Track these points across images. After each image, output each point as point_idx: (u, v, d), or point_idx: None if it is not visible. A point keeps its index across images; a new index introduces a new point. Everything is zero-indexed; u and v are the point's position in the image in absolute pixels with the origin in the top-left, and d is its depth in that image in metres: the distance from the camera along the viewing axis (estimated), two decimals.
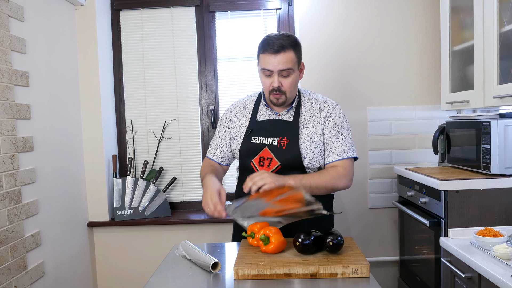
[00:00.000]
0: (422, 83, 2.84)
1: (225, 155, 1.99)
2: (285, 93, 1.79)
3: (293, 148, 1.81)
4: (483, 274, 1.55)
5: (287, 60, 1.74)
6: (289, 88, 1.79)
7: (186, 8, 3.00)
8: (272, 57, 1.74)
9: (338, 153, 1.83)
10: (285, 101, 1.82)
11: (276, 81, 1.76)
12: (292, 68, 1.76)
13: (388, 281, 2.89)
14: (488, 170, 2.08)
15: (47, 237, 2.34)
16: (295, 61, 1.77)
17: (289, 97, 1.82)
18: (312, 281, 1.39)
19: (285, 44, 1.74)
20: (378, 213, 2.89)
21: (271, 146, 1.82)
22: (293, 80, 1.79)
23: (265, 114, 1.90)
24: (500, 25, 1.97)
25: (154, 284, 1.44)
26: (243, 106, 1.98)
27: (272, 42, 1.75)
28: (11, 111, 2.04)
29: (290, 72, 1.76)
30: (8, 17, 2.05)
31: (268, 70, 1.77)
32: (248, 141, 1.87)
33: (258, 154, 1.84)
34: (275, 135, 1.84)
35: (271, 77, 1.78)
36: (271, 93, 1.80)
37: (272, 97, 1.81)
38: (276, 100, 1.81)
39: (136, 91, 3.04)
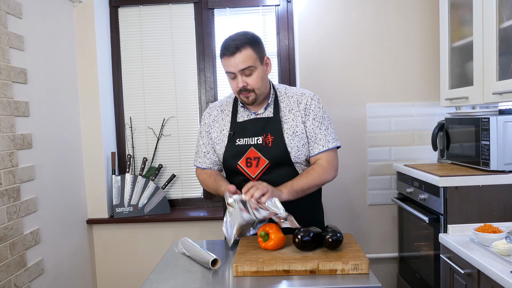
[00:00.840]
0: (421, 80, 2.84)
1: (212, 161, 1.96)
2: (253, 90, 1.78)
3: (279, 144, 1.80)
4: (482, 270, 1.55)
5: (245, 59, 1.74)
6: (256, 85, 1.78)
7: (184, 5, 2.99)
8: (231, 59, 1.74)
9: (323, 144, 1.84)
10: (256, 98, 1.81)
11: (240, 81, 1.76)
12: (253, 65, 1.75)
13: (387, 277, 2.90)
14: (487, 166, 2.08)
15: (46, 234, 2.34)
16: (254, 58, 1.76)
17: (258, 94, 1.80)
18: (312, 278, 1.39)
19: (240, 44, 1.74)
20: (377, 210, 2.89)
21: (257, 146, 1.82)
22: (257, 76, 1.77)
23: (244, 115, 1.89)
24: (499, 21, 1.97)
25: (153, 281, 1.44)
26: (221, 109, 1.95)
27: (228, 45, 1.75)
28: (9, 108, 2.03)
29: (252, 69, 1.76)
30: (6, 14, 2.04)
31: (230, 72, 1.77)
32: (232, 144, 1.85)
33: (244, 156, 1.82)
34: (259, 134, 1.83)
35: (235, 79, 1.78)
36: (240, 93, 1.80)
37: (242, 97, 1.81)
38: (247, 99, 1.80)
39: (135, 88, 3.04)
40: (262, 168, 1.80)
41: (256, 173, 1.81)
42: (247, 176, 1.82)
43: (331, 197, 2.85)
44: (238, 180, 1.85)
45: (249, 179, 1.81)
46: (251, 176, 1.81)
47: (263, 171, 1.80)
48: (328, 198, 2.86)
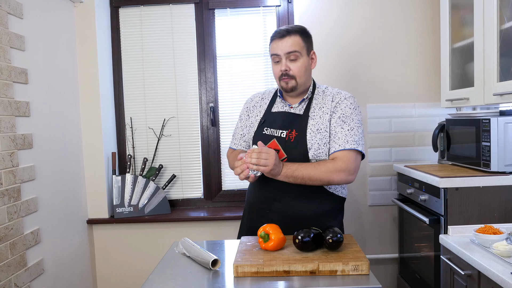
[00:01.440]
0: (422, 80, 2.83)
1: (249, 144, 2.02)
2: (295, 77, 1.82)
3: (300, 141, 1.82)
4: (482, 271, 1.55)
5: (293, 43, 1.80)
6: (298, 73, 1.81)
7: (185, 5, 3.00)
8: (279, 42, 1.81)
9: (340, 144, 1.79)
10: (295, 86, 1.83)
11: (284, 65, 1.81)
12: (299, 51, 1.81)
13: (387, 278, 2.89)
14: (488, 167, 2.08)
15: (47, 234, 2.34)
16: (302, 45, 1.82)
17: (299, 83, 1.84)
18: (312, 278, 1.39)
19: (291, 30, 1.82)
20: (377, 211, 2.89)
21: (280, 138, 1.85)
22: (301, 64, 1.82)
23: (279, 106, 1.94)
24: (500, 22, 1.97)
25: (153, 281, 1.44)
26: (262, 97, 2.03)
27: (280, 29, 1.84)
28: (10, 108, 2.04)
29: (297, 55, 1.81)
30: (7, 14, 2.04)
31: (276, 55, 1.83)
32: (260, 132, 1.91)
33: (266, 145, 1.81)
34: (285, 128, 1.86)
35: (279, 63, 1.83)
36: (281, 78, 1.84)
37: (282, 82, 1.84)
38: (286, 85, 1.83)
39: (136, 89, 3.04)
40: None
41: None
42: None
43: None
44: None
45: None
46: None
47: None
48: None
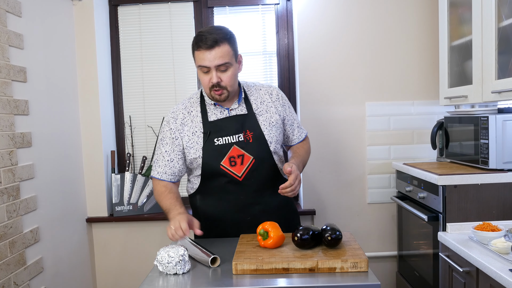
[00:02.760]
0: (421, 78, 2.84)
1: (175, 170, 1.88)
2: (226, 87, 1.75)
3: (259, 138, 1.81)
4: (481, 268, 1.56)
5: (222, 54, 1.69)
6: (229, 82, 1.74)
7: (184, 3, 2.99)
8: (207, 53, 1.68)
9: (303, 131, 2.03)
10: (228, 95, 1.77)
11: (215, 77, 1.71)
12: (229, 61, 1.72)
13: (386, 275, 2.90)
14: (486, 165, 2.08)
15: (46, 233, 2.34)
16: (231, 54, 1.73)
17: (230, 91, 1.77)
18: (311, 276, 1.40)
19: (219, 38, 1.69)
20: (376, 208, 2.89)
21: (239, 143, 1.79)
22: (232, 73, 1.74)
23: (216, 113, 1.84)
24: (498, 20, 1.97)
25: (152, 279, 1.44)
26: (187, 111, 1.86)
27: (205, 38, 1.68)
28: (9, 106, 2.03)
29: (228, 66, 1.72)
30: (6, 12, 2.04)
31: (205, 66, 1.71)
32: (211, 145, 1.79)
33: (226, 155, 1.78)
34: (238, 131, 1.80)
35: (208, 73, 1.73)
36: (212, 89, 1.75)
37: (214, 94, 1.76)
38: (219, 97, 1.76)
39: (135, 87, 3.04)
40: (247, 165, 1.79)
41: (242, 171, 1.79)
42: (233, 176, 1.78)
43: (330, 196, 2.86)
44: (221, 182, 1.81)
45: (234, 178, 1.79)
46: (237, 175, 1.78)
47: (249, 168, 1.79)
48: (327, 196, 2.86)
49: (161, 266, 1.47)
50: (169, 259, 1.45)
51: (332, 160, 2.86)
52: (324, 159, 2.84)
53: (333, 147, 2.84)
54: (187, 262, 1.47)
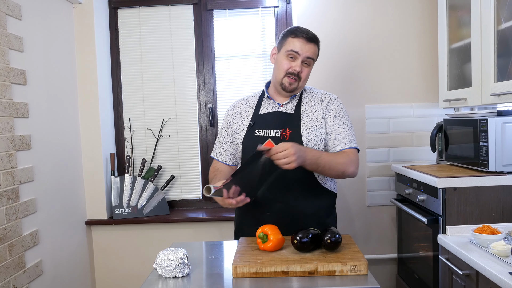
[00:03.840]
0: (420, 81, 2.84)
1: (229, 153, 2.01)
2: (301, 80, 1.87)
3: (295, 138, 1.84)
4: (480, 271, 1.56)
5: (314, 51, 1.88)
6: (305, 77, 1.88)
7: (184, 6, 3.00)
8: (304, 42, 1.84)
9: (346, 142, 1.87)
10: (296, 88, 1.89)
11: (299, 66, 1.85)
12: (314, 59, 1.90)
13: (386, 278, 2.90)
14: (486, 167, 2.08)
15: (45, 235, 2.34)
16: (317, 55, 1.91)
17: (300, 86, 1.90)
18: (310, 279, 1.39)
19: (316, 38, 1.89)
20: (376, 211, 2.89)
21: (274, 138, 1.86)
22: (309, 71, 1.90)
23: (268, 107, 1.95)
24: (497, 23, 1.97)
25: (152, 282, 1.44)
26: (246, 102, 2.02)
27: (306, 31, 1.87)
28: (8, 109, 2.04)
29: (311, 62, 1.89)
30: (6, 15, 2.04)
31: (296, 52, 1.84)
32: (251, 134, 1.90)
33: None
34: (278, 127, 1.88)
35: (294, 60, 1.86)
36: (288, 75, 1.86)
37: (286, 80, 1.86)
38: (289, 85, 1.87)
39: (134, 90, 3.04)
40: None
41: None
42: None
43: None
44: None
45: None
46: None
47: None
48: None
49: (160, 269, 1.47)
50: (168, 262, 1.45)
51: None
52: None
53: None
54: (186, 266, 1.47)
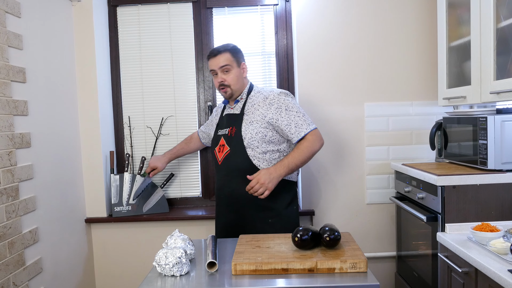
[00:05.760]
0: (419, 79, 2.84)
1: (205, 130, 2.64)
2: (229, 86, 2.26)
3: (237, 134, 2.22)
4: (479, 268, 1.56)
5: (224, 59, 2.24)
6: (231, 81, 2.25)
7: (183, 4, 3.00)
8: (213, 59, 2.26)
9: (306, 127, 2.17)
10: (232, 93, 2.28)
11: (220, 77, 2.26)
12: (230, 65, 2.25)
13: (385, 276, 2.91)
14: (485, 165, 2.09)
15: (45, 233, 2.34)
16: (231, 60, 2.26)
17: (234, 90, 2.28)
18: (310, 276, 1.40)
19: (221, 49, 2.27)
20: (375, 209, 2.90)
21: (225, 136, 2.29)
22: (233, 75, 2.26)
23: (227, 111, 2.37)
24: (497, 21, 1.97)
25: (151, 280, 1.44)
26: (220, 106, 2.51)
27: (212, 50, 2.30)
28: (8, 107, 2.03)
29: (229, 68, 2.25)
30: (5, 13, 2.04)
31: (212, 70, 2.28)
32: (216, 133, 2.37)
33: (218, 143, 2.31)
34: (228, 126, 2.29)
35: (216, 76, 2.27)
36: (219, 88, 2.29)
37: (221, 92, 2.30)
38: (225, 94, 2.29)
39: (134, 87, 3.04)
40: (224, 153, 2.25)
41: (221, 157, 2.27)
42: (217, 159, 2.30)
43: (329, 196, 2.86)
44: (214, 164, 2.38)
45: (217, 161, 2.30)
46: (218, 158, 2.28)
47: (225, 156, 2.25)
48: (326, 197, 2.87)
49: (159, 268, 1.48)
50: (166, 261, 1.46)
51: (331, 161, 2.86)
52: (323, 159, 2.84)
53: (331, 148, 2.85)
54: (185, 264, 1.48)
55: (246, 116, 2.24)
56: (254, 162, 2.20)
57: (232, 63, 2.25)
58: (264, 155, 2.20)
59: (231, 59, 2.25)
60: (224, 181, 2.28)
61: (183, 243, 1.60)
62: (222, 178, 2.29)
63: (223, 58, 2.24)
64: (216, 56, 2.25)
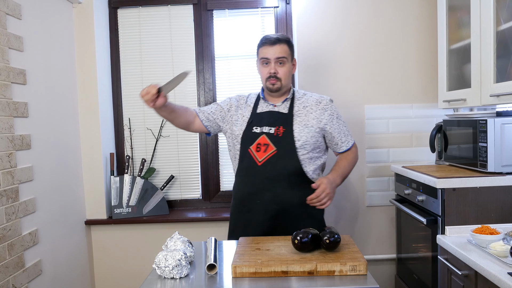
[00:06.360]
0: (419, 82, 2.85)
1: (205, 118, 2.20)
2: (280, 79, 2.07)
3: (288, 135, 2.04)
4: (479, 271, 1.56)
5: (282, 50, 2.06)
6: (283, 75, 2.07)
7: (183, 6, 3.00)
8: (270, 47, 2.06)
9: (350, 139, 2.20)
10: (280, 87, 2.09)
11: (273, 68, 2.06)
12: (286, 57, 2.08)
13: (385, 278, 2.90)
14: (485, 168, 2.09)
15: (45, 235, 2.34)
16: (288, 53, 2.09)
17: (283, 84, 2.09)
18: (310, 279, 1.40)
19: (281, 38, 2.09)
20: (375, 211, 2.89)
21: (268, 134, 2.06)
22: (287, 69, 2.09)
23: (263, 107, 2.15)
24: (497, 24, 1.98)
25: (151, 282, 1.44)
26: (245, 100, 2.23)
27: (270, 37, 2.10)
28: (8, 109, 2.04)
29: (284, 61, 2.07)
30: (6, 14, 2.04)
31: (266, 58, 2.07)
32: (249, 130, 2.10)
33: (256, 141, 2.06)
34: (272, 125, 2.08)
35: (268, 65, 2.08)
36: (268, 80, 2.08)
37: (269, 83, 2.08)
38: (272, 86, 2.08)
39: (134, 89, 3.04)
40: (268, 154, 2.03)
41: (263, 158, 2.04)
42: (254, 159, 2.05)
43: None
44: (246, 165, 2.08)
45: (255, 162, 2.05)
46: (258, 159, 2.05)
47: (269, 156, 2.03)
48: None
49: (159, 270, 1.47)
50: (166, 263, 1.45)
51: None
52: None
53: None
54: (185, 267, 1.47)
55: (298, 118, 2.09)
56: (303, 166, 2.05)
57: (288, 56, 2.09)
58: (311, 160, 2.09)
59: (288, 51, 2.10)
60: (265, 184, 2.04)
61: (183, 245, 1.60)
62: (262, 181, 2.04)
63: (281, 49, 2.06)
64: (275, 45, 2.06)
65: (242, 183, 2.12)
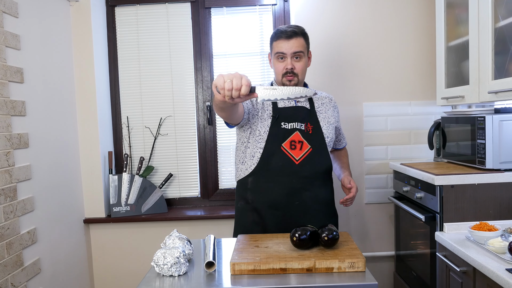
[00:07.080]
0: (418, 79, 2.85)
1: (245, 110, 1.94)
2: (297, 75, 1.97)
3: (318, 132, 1.99)
4: (477, 268, 1.56)
5: (299, 44, 1.94)
6: (300, 71, 1.97)
7: (181, 4, 2.99)
8: (286, 42, 1.93)
9: (344, 137, 2.31)
10: (297, 83, 1.99)
11: (290, 63, 1.94)
12: (303, 51, 1.96)
13: (384, 275, 2.91)
14: (483, 165, 2.09)
15: (43, 234, 2.34)
16: (305, 46, 1.98)
17: (300, 80, 2.00)
18: (309, 276, 1.40)
19: (297, 31, 1.95)
20: (374, 209, 2.90)
21: (301, 131, 1.96)
22: (303, 63, 1.98)
23: (284, 102, 2.02)
24: (495, 21, 1.97)
25: (150, 280, 1.44)
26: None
27: (285, 30, 1.95)
28: (6, 107, 2.03)
29: (301, 55, 1.96)
30: (2, 13, 2.04)
31: (282, 53, 1.94)
32: (277, 126, 1.95)
33: (288, 138, 1.94)
34: (302, 121, 1.98)
35: (284, 60, 1.95)
36: (284, 76, 1.96)
37: (285, 80, 1.97)
38: (289, 82, 1.97)
39: (132, 88, 3.03)
40: (305, 152, 1.95)
41: (300, 156, 1.94)
42: (291, 158, 1.93)
43: None
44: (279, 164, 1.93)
45: (291, 161, 1.93)
46: (295, 158, 1.93)
47: (306, 155, 1.95)
48: None
49: (157, 268, 1.47)
50: (164, 261, 1.45)
51: None
52: None
53: None
54: (183, 264, 1.47)
55: (321, 114, 2.05)
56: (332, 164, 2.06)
57: (305, 50, 1.98)
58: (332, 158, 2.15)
59: (305, 45, 1.98)
60: (304, 184, 1.94)
61: (181, 243, 1.59)
62: (300, 181, 1.93)
63: (298, 43, 1.94)
64: (291, 39, 1.93)
65: (272, 183, 1.94)
